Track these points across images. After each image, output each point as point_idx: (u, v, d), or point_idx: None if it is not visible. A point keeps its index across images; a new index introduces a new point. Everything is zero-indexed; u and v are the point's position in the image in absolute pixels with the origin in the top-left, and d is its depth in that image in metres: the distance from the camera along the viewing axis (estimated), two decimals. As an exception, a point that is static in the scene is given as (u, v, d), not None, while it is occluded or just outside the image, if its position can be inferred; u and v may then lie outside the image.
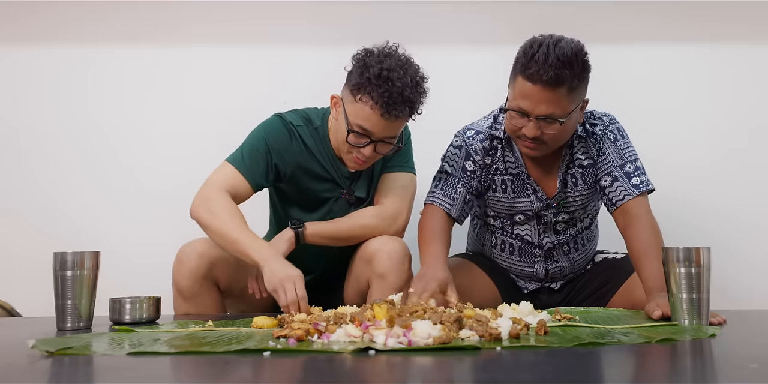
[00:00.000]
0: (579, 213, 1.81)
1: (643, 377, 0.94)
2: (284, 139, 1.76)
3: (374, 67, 1.59)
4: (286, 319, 1.34)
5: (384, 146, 1.69)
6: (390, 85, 1.57)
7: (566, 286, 1.89)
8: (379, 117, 1.60)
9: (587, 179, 1.76)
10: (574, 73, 1.52)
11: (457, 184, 1.76)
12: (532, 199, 1.77)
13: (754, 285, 2.29)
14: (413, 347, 1.06)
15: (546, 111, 1.55)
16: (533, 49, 1.53)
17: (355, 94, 1.62)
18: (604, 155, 1.72)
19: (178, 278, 1.68)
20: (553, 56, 1.50)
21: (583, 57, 1.56)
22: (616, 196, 1.68)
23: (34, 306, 1.82)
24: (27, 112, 2.41)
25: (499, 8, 2.40)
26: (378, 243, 1.72)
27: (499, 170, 1.78)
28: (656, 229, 1.62)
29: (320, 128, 1.79)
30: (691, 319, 1.30)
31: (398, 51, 1.65)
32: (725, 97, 2.39)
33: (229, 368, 0.96)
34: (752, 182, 2.36)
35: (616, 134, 1.72)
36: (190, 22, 2.42)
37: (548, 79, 1.50)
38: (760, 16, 2.39)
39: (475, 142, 1.77)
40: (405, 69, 1.61)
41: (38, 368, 0.97)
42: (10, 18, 2.40)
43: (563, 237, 1.83)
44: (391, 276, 1.67)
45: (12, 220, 2.37)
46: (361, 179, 1.84)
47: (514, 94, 1.59)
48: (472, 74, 2.40)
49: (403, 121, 1.66)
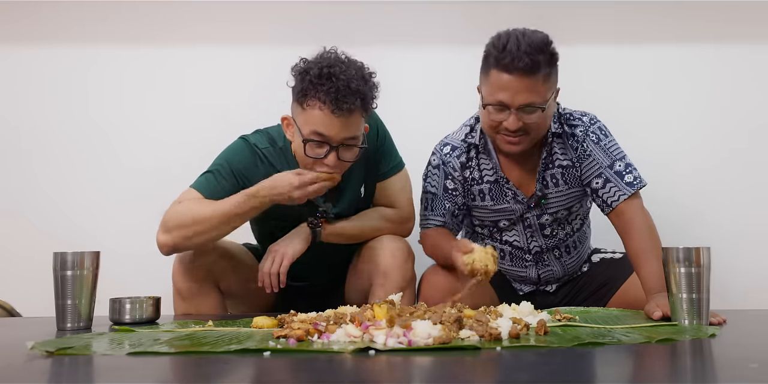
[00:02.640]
0: (563, 213, 1.79)
1: (643, 377, 0.94)
2: (249, 162, 1.68)
3: (313, 69, 1.54)
4: (286, 319, 1.34)
5: (347, 151, 1.58)
6: (334, 80, 1.51)
7: (562, 288, 1.89)
8: (331, 115, 1.52)
9: (568, 179, 1.74)
10: (546, 59, 1.55)
11: (444, 202, 1.78)
12: (512, 203, 1.76)
13: (754, 285, 2.29)
14: (413, 347, 1.06)
15: (526, 99, 1.56)
16: (503, 41, 1.55)
17: (302, 102, 1.55)
18: (589, 158, 1.70)
19: (178, 279, 1.68)
20: (525, 44, 1.52)
21: (551, 45, 1.58)
22: (610, 197, 1.66)
23: (34, 306, 1.82)
24: (28, 111, 2.41)
25: (500, 8, 2.40)
26: (381, 242, 1.72)
27: (475, 180, 1.77)
28: (653, 229, 1.62)
29: (284, 148, 1.71)
30: (691, 319, 1.30)
31: (337, 52, 1.59)
32: (725, 98, 2.39)
33: (229, 368, 0.96)
34: (752, 182, 2.36)
35: (599, 134, 1.70)
36: (191, 22, 2.43)
37: (524, 66, 1.52)
38: (760, 17, 2.39)
39: (452, 159, 1.77)
40: (347, 64, 1.55)
41: (38, 368, 0.97)
42: (11, 18, 2.40)
43: (552, 241, 1.82)
44: (394, 274, 1.67)
45: (12, 220, 2.37)
46: (340, 196, 1.75)
47: (490, 89, 1.59)
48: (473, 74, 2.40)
49: (358, 117, 1.56)
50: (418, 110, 2.36)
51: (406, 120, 2.17)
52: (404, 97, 2.33)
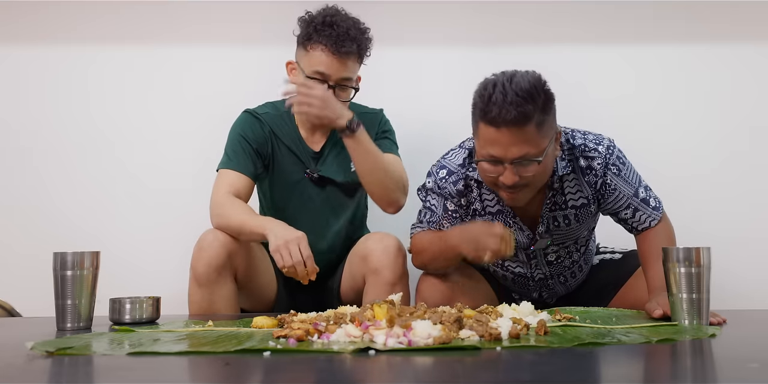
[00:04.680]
0: (569, 244, 1.73)
1: (643, 377, 0.94)
2: (254, 125, 1.87)
3: (317, 18, 1.78)
4: (286, 319, 1.34)
5: (343, 91, 1.81)
6: (336, 27, 1.75)
7: (563, 298, 1.87)
8: (332, 56, 1.75)
9: (582, 218, 1.66)
10: (537, 106, 1.40)
11: (442, 221, 1.68)
12: (518, 235, 1.67)
13: (754, 285, 2.29)
14: (413, 347, 1.06)
15: (519, 153, 1.42)
16: (488, 91, 1.41)
17: (306, 45, 1.78)
18: (615, 192, 1.61)
19: (197, 265, 1.68)
20: (512, 93, 1.38)
21: (543, 87, 1.44)
22: (641, 224, 1.63)
23: (34, 306, 1.82)
24: (27, 111, 2.40)
25: (499, 8, 2.40)
26: (372, 239, 1.75)
27: (477, 211, 1.68)
28: (671, 235, 1.62)
29: (285, 114, 1.88)
30: (691, 319, 1.30)
31: (337, 8, 1.82)
32: (724, 98, 2.39)
33: (229, 368, 0.96)
34: (752, 183, 2.36)
35: (618, 165, 1.60)
36: (191, 22, 2.42)
37: (512, 119, 1.38)
38: (760, 17, 2.39)
39: (449, 185, 1.65)
40: (346, 15, 1.80)
41: (38, 368, 0.97)
42: (11, 18, 2.39)
43: (557, 269, 1.76)
44: (386, 271, 1.68)
45: (12, 220, 2.36)
46: (329, 160, 1.89)
47: (480, 142, 1.47)
48: (473, 74, 2.40)
49: (354, 60, 1.79)
50: (418, 110, 2.36)
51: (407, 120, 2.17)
52: (402, 95, 2.33)
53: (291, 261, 1.57)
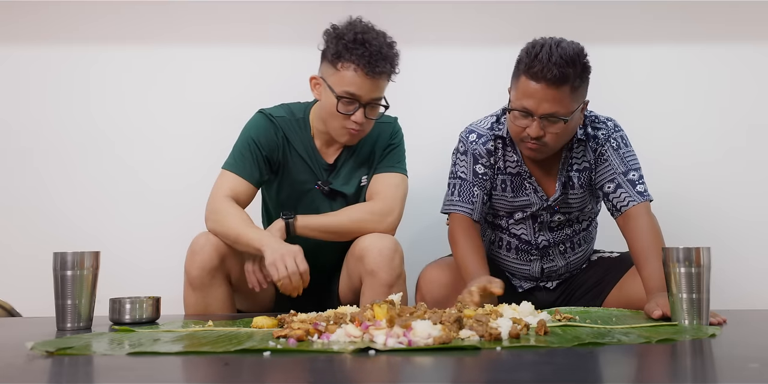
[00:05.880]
0: (576, 214, 1.82)
1: (643, 377, 0.94)
2: (267, 131, 1.81)
3: (348, 34, 1.68)
4: (286, 319, 1.34)
5: (373, 110, 1.75)
6: (368, 45, 1.67)
7: (561, 285, 1.90)
8: (364, 77, 1.67)
9: (583, 182, 1.77)
10: (576, 71, 1.55)
11: (473, 188, 1.78)
12: (532, 197, 1.77)
13: (754, 285, 2.29)
14: (413, 347, 1.06)
15: (550, 109, 1.57)
16: (536, 50, 1.56)
17: (336, 64, 1.70)
18: (606, 162, 1.72)
19: (190, 268, 1.68)
20: (557, 55, 1.53)
21: (584, 58, 1.59)
22: (620, 202, 1.68)
23: (34, 306, 1.82)
24: (28, 112, 2.41)
25: (499, 8, 2.40)
26: (369, 240, 1.73)
27: (500, 169, 1.79)
28: (657, 230, 1.64)
29: (301, 120, 1.84)
30: (691, 319, 1.30)
31: (362, 21, 1.74)
32: (724, 97, 2.39)
33: (229, 368, 0.96)
34: (752, 182, 2.36)
35: (620, 142, 1.73)
36: (192, 22, 2.43)
37: (552, 77, 1.53)
38: (760, 17, 2.39)
39: (479, 146, 1.78)
40: (376, 32, 1.72)
41: (38, 368, 0.97)
42: (11, 18, 2.40)
43: (559, 235, 1.83)
44: (382, 272, 1.67)
45: (13, 220, 2.37)
46: (342, 173, 1.85)
47: (517, 94, 1.61)
48: (471, 74, 2.40)
49: (386, 79, 1.72)
50: (427, 111, 2.36)
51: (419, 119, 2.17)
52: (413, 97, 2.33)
53: (286, 272, 1.58)
